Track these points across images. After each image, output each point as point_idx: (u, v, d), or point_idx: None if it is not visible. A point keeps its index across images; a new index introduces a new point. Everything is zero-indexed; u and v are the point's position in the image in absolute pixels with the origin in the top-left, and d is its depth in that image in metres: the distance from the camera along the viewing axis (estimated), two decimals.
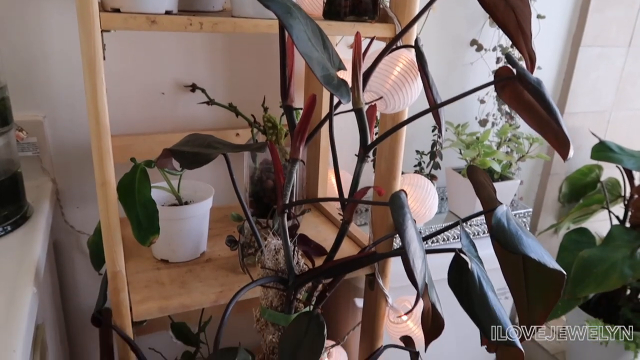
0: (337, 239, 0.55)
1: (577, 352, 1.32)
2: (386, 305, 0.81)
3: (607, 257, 1.12)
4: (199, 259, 0.78)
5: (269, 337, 0.59)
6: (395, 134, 0.68)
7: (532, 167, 1.36)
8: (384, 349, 0.73)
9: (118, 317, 0.64)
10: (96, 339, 0.99)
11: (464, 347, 1.19)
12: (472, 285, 0.44)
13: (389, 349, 0.92)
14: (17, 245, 0.68)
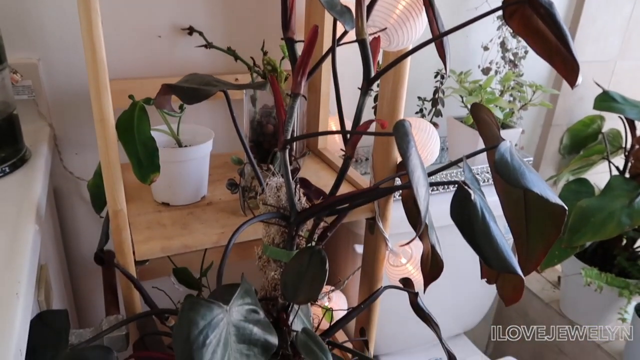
0: (339, 175, 0.54)
1: (570, 300, 1.35)
2: (386, 249, 0.82)
3: (605, 206, 1.13)
4: (200, 203, 0.78)
5: (270, 273, 0.60)
6: (399, 67, 0.67)
7: (534, 117, 1.34)
8: (383, 290, 0.75)
9: (120, 256, 0.64)
10: (99, 281, 1.01)
11: (461, 297, 1.21)
12: (474, 216, 0.44)
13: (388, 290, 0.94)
14: (17, 187, 0.68)
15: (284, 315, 0.57)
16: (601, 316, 1.30)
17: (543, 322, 1.44)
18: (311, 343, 0.51)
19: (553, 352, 1.41)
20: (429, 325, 0.77)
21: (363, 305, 0.72)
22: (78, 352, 0.50)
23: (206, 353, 0.39)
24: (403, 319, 1.16)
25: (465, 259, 1.14)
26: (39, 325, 0.51)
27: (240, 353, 0.43)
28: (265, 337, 0.45)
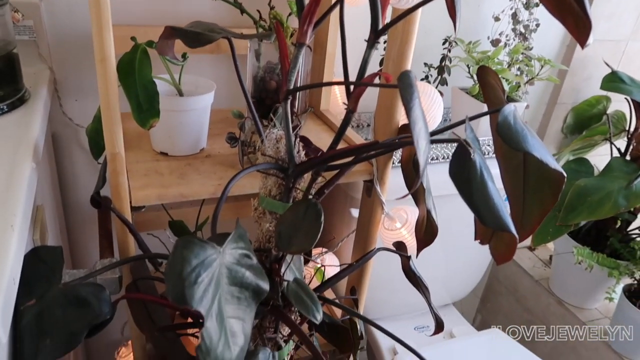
0: (340, 130, 0.54)
1: (560, 278, 1.36)
2: (382, 212, 0.82)
3: (603, 187, 1.13)
4: (198, 155, 0.78)
5: (265, 225, 0.60)
6: (407, 21, 0.66)
7: (540, 93, 1.33)
8: (376, 251, 0.75)
9: (117, 200, 0.64)
10: (95, 227, 1.01)
11: (452, 268, 1.22)
12: (473, 174, 0.44)
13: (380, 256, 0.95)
14: (14, 126, 0.67)
15: (277, 266, 0.57)
16: (589, 296, 1.32)
17: (531, 298, 1.46)
18: (302, 293, 0.52)
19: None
20: (419, 289, 0.78)
21: (355, 264, 0.72)
22: (71, 287, 0.50)
23: (197, 291, 0.40)
24: (393, 286, 1.18)
25: (459, 230, 1.15)
26: (33, 260, 0.51)
27: (231, 295, 0.44)
28: (257, 282, 0.46)
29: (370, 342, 1.22)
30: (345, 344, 0.78)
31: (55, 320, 0.48)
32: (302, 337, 0.56)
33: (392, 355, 1.12)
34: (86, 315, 0.49)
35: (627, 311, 1.15)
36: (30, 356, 0.47)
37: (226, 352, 0.42)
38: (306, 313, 0.51)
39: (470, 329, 1.24)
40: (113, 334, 1.17)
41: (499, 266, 1.56)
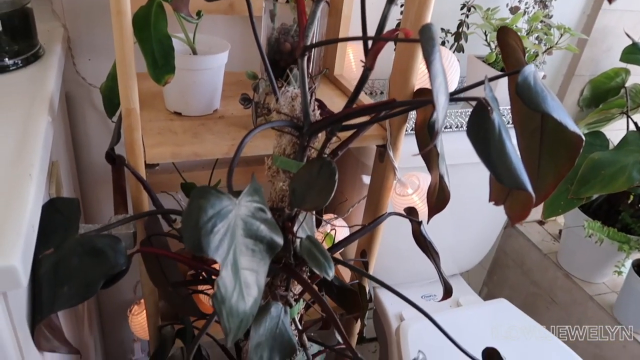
0: (357, 88, 0.53)
1: (569, 252, 1.36)
2: (394, 178, 0.82)
3: (618, 160, 1.12)
4: (212, 115, 0.78)
5: (279, 184, 0.60)
6: None
7: (558, 64, 1.31)
8: (387, 216, 0.75)
9: (131, 156, 0.64)
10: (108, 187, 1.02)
11: (461, 238, 1.23)
12: (491, 133, 0.44)
13: (390, 224, 0.95)
14: (29, 81, 0.67)
15: (289, 224, 0.58)
16: (597, 270, 1.32)
17: (538, 272, 1.46)
18: (314, 249, 0.53)
19: (545, 300, 1.44)
20: (429, 255, 0.78)
21: (366, 227, 0.72)
22: (87, 238, 0.51)
23: (214, 240, 0.40)
24: (402, 254, 1.18)
25: (469, 200, 1.15)
26: (50, 211, 0.52)
27: (246, 247, 0.44)
28: (271, 236, 0.46)
29: (378, 309, 1.24)
30: (354, 306, 0.79)
31: (72, 269, 0.49)
32: (314, 294, 0.57)
33: (399, 322, 1.14)
34: (102, 265, 0.50)
35: (635, 285, 1.15)
36: (48, 302, 0.48)
37: (240, 302, 0.43)
38: (318, 270, 0.51)
39: (477, 299, 1.25)
40: (126, 294, 1.20)
41: (507, 240, 1.56)
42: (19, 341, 0.44)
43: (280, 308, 0.54)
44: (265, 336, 0.51)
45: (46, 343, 0.51)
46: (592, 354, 1.29)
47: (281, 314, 0.54)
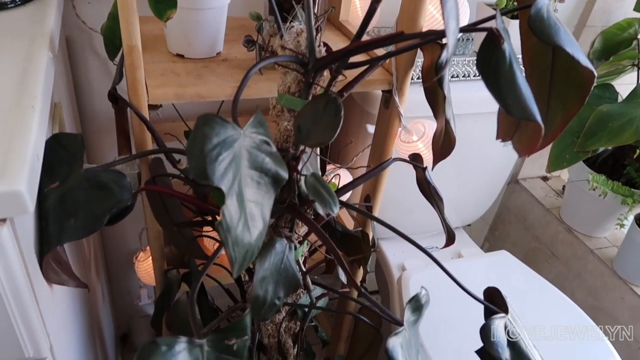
0: (364, 22, 0.52)
1: (572, 206, 1.36)
2: (399, 125, 0.81)
3: (626, 113, 1.10)
4: (215, 58, 0.77)
5: (283, 124, 0.59)
6: None
7: (569, 15, 1.27)
8: (392, 161, 0.75)
9: (134, 96, 0.64)
10: (111, 132, 1.02)
11: (464, 191, 1.23)
12: (501, 63, 0.43)
13: (394, 175, 0.95)
14: (28, 19, 0.66)
15: (294, 163, 0.58)
16: (599, 224, 1.32)
17: (540, 227, 1.47)
18: (319, 186, 0.52)
19: (546, 255, 1.46)
20: (432, 201, 0.78)
21: (371, 172, 0.72)
22: (92, 172, 0.51)
23: (219, 168, 0.40)
24: (405, 207, 1.19)
25: (473, 152, 1.14)
26: (54, 146, 0.52)
27: (251, 178, 0.44)
28: (276, 169, 0.46)
29: (380, 260, 1.25)
30: (357, 252, 0.80)
31: (78, 203, 0.49)
32: (318, 233, 0.57)
33: (401, 272, 1.15)
34: (108, 199, 0.50)
35: (636, 238, 1.16)
36: (56, 234, 0.48)
37: (245, 233, 0.43)
38: (323, 206, 0.51)
39: (479, 251, 1.26)
40: (131, 243, 1.21)
41: (511, 195, 1.56)
42: (28, 271, 0.45)
43: (284, 244, 0.55)
44: (270, 271, 0.52)
45: (54, 276, 0.52)
46: (590, 305, 1.31)
47: (286, 250, 0.54)
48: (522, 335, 0.59)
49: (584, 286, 1.33)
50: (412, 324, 0.52)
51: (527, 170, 1.53)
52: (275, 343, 0.78)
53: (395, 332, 0.49)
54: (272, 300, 0.52)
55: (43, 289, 0.50)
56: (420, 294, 0.54)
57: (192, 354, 0.41)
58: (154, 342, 0.39)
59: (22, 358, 0.47)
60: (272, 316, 0.53)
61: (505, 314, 0.58)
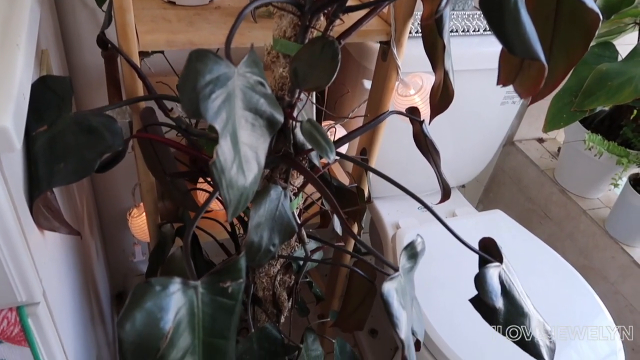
0: None
1: (567, 167, 1.36)
2: (396, 78, 0.80)
3: (626, 71, 1.09)
4: (207, 6, 0.74)
5: (279, 70, 0.58)
6: None
7: None
8: (389, 114, 0.74)
9: (124, 42, 0.61)
10: (100, 85, 1.00)
11: (460, 150, 1.22)
12: (506, 1, 0.41)
13: (390, 132, 0.94)
14: None
15: (289, 111, 0.56)
16: (593, 186, 1.33)
17: (534, 188, 1.48)
18: (315, 132, 0.51)
19: (539, 216, 1.47)
20: (429, 156, 0.77)
21: (367, 125, 0.71)
22: (82, 116, 0.50)
23: (212, 106, 0.39)
24: (400, 167, 1.18)
25: (470, 111, 1.13)
26: (41, 88, 0.50)
27: (245, 120, 0.43)
28: (271, 111, 0.45)
29: (374, 219, 1.26)
30: (352, 206, 0.79)
31: (68, 146, 0.48)
32: (314, 182, 0.57)
33: (395, 230, 1.16)
34: (98, 144, 0.49)
35: (629, 198, 1.17)
36: (46, 178, 0.47)
37: (240, 176, 0.42)
38: (320, 152, 0.50)
39: (473, 211, 1.26)
40: (124, 201, 1.20)
41: (506, 157, 1.56)
42: (18, 214, 0.44)
43: (279, 191, 0.54)
44: (265, 217, 0.51)
45: (45, 222, 0.51)
46: (581, 265, 1.33)
47: (281, 197, 0.54)
48: (516, 285, 0.60)
49: (576, 246, 1.35)
50: (407, 271, 0.52)
51: (523, 132, 1.52)
52: (270, 296, 0.78)
53: (390, 277, 0.49)
54: (267, 246, 0.52)
55: (34, 234, 0.49)
56: (416, 242, 0.54)
57: (187, 295, 0.41)
58: (148, 282, 0.39)
59: (15, 302, 0.46)
60: (267, 262, 0.52)
61: (500, 264, 0.58)
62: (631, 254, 1.19)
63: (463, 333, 0.93)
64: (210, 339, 0.43)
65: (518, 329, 0.58)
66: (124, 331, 0.37)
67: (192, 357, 0.41)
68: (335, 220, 0.66)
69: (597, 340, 0.96)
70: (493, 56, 0.59)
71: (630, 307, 1.21)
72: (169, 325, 0.39)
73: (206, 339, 0.42)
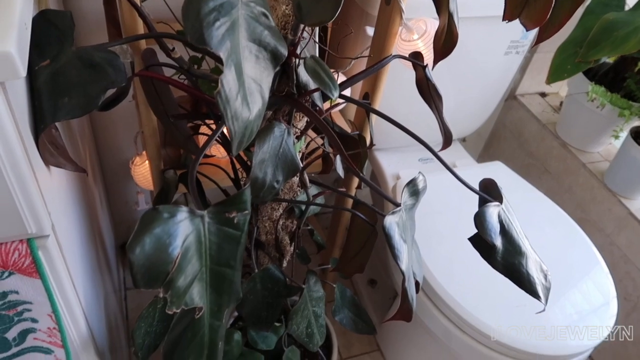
0: None
1: (568, 121, 1.36)
2: (400, 22, 0.79)
3: (632, 21, 1.07)
4: None
5: (281, 8, 0.57)
6: None
7: None
8: (392, 58, 0.73)
9: None
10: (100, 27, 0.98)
11: (461, 102, 1.21)
12: None
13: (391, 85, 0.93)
14: None
15: (292, 49, 0.56)
16: (593, 139, 1.33)
17: (535, 142, 1.48)
18: (319, 69, 0.51)
19: (539, 170, 1.48)
20: (431, 103, 0.77)
21: (371, 69, 0.71)
22: (85, 51, 0.49)
23: (216, 33, 0.38)
24: (401, 118, 1.17)
25: (473, 62, 1.12)
26: (42, 22, 0.50)
27: (249, 51, 0.43)
28: (275, 44, 0.45)
29: (375, 171, 1.26)
30: (354, 153, 0.80)
31: (72, 81, 0.48)
32: (318, 122, 0.57)
33: (396, 181, 1.17)
34: (101, 80, 0.49)
35: (629, 150, 1.17)
36: (50, 111, 0.47)
37: (244, 109, 0.43)
38: (323, 88, 0.50)
39: (473, 162, 1.27)
40: (126, 152, 1.21)
41: (508, 112, 1.55)
42: (25, 146, 0.44)
43: (283, 129, 0.54)
44: (268, 154, 0.52)
45: (52, 158, 0.52)
46: (578, 218, 1.34)
47: (284, 134, 0.54)
48: (515, 225, 0.61)
49: (574, 200, 1.36)
50: (409, 208, 0.53)
51: (526, 86, 1.51)
52: (272, 240, 0.80)
53: (392, 211, 0.50)
54: (271, 183, 0.52)
55: (41, 169, 0.50)
56: (418, 179, 0.55)
57: (194, 223, 0.42)
58: (156, 209, 0.39)
59: (25, 233, 0.47)
60: (271, 199, 0.53)
61: (499, 204, 0.59)
62: (628, 206, 1.21)
63: (461, 280, 0.96)
64: (217, 267, 0.44)
65: (515, 266, 0.59)
66: (134, 254, 0.38)
67: (200, 283, 0.43)
68: (338, 163, 0.67)
69: (592, 292, 0.98)
70: (498, 2, 0.58)
71: (624, 257, 1.24)
72: (177, 251, 0.40)
73: (213, 267, 0.44)
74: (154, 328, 0.69)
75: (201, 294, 0.43)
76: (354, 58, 0.78)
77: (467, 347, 0.93)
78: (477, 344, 0.92)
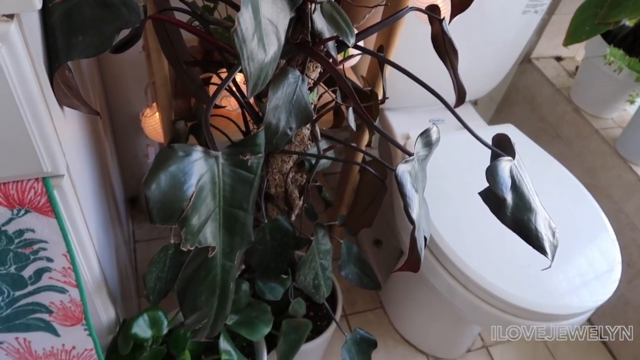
0: None
1: (584, 85, 1.34)
2: None
3: None
4: None
5: None
6: None
7: None
8: (408, 11, 0.71)
9: None
10: None
11: (475, 62, 1.20)
12: None
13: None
14: None
15: None
16: (608, 104, 1.31)
17: (547, 107, 1.46)
18: (336, 14, 0.50)
19: (550, 135, 1.46)
20: (446, 59, 0.76)
21: (386, 21, 0.69)
22: None
23: None
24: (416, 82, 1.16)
25: (488, 22, 1.09)
26: None
27: None
28: None
29: (385, 129, 1.26)
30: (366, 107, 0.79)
31: (86, 19, 0.47)
32: (332, 70, 0.56)
33: (406, 141, 1.16)
34: (116, 19, 0.48)
35: None
36: (64, 49, 0.47)
37: (260, 51, 0.42)
38: (340, 34, 0.49)
39: (484, 124, 1.26)
40: (136, 106, 1.20)
41: (522, 75, 1.53)
42: (40, 82, 0.44)
43: (297, 75, 0.54)
44: (282, 100, 0.52)
45: (66, 99, 0.52)
46: (586, 184, 1.33)
47: (299, 81, 0.53)
48: (526, 181, 0.61)
49: (583, 165, 1.35)
50: (421, 159, 0.53)
51: (542, 49, 1.48)
52: (282, 193, 0.81)
53: (405, 160, 0.50)
54: (284, 129, 0.52)
55: (56, 109, 0.50)
56: (431, 130, 0.54)
57: (208, 163, 0.42)
58: (171, 147, 0.40)
59: (40, 172, 0.48)
60: (284, 146, 0.53)
61: (512, 159, 0.58)
62: (638, 173, 1.20)
63: (467, 240, 0.96)
64: (230, 209, 0.45)
65: (524, 222, 0.59)
66: (150, 190, 0.38)
67: (214, 223, 0.43)
68: (350, 115, 0.67)
69: (597, 257, 0.98)
70: None
71: (631, 224, 1.24)
72: (192, 190, 0.41)
73: (226, 208, 0.44)
74: (165, 274, 0.70)
75: (214, 233, 0.44)
76: (371, 7, 0.76)
77: (470, 304, 0.95)
78: (480, 301, 0.93)
